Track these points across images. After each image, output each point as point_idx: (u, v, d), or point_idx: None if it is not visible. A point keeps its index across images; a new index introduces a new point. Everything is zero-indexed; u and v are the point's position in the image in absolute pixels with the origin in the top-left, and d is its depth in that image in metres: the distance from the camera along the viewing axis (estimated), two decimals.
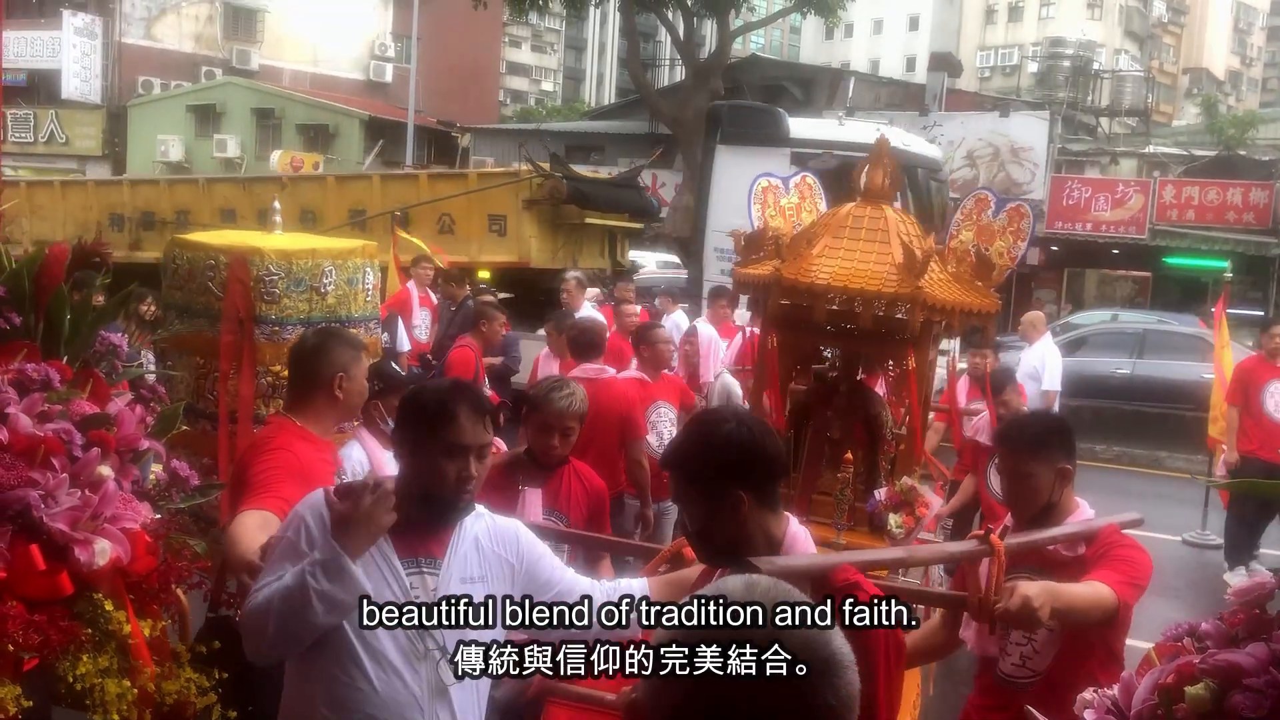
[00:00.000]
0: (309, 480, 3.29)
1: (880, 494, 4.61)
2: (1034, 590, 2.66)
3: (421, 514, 2.47)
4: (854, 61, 48.56)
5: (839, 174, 10.55)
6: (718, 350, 8.03)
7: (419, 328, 10.91)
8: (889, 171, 4.79)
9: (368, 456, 4.37)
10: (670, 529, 5.79)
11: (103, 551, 2.43)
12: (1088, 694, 1.83)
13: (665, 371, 6.40)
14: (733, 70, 26.54)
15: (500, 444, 3.46)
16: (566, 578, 2.69)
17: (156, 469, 2.83)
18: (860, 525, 4.66)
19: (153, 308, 7.07)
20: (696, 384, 7.47)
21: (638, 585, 2.76)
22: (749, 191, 5.59)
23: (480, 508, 2.61)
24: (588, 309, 9.18)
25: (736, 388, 7.16)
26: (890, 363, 4.90)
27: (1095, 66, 36.18)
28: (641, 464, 5.50)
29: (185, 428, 3.65)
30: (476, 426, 2.48)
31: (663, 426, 6.19)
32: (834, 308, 4.53)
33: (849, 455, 4.64)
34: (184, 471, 2.87)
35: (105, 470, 2.55)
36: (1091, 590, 2.84)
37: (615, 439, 5.44)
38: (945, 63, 25.78)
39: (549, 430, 3.88)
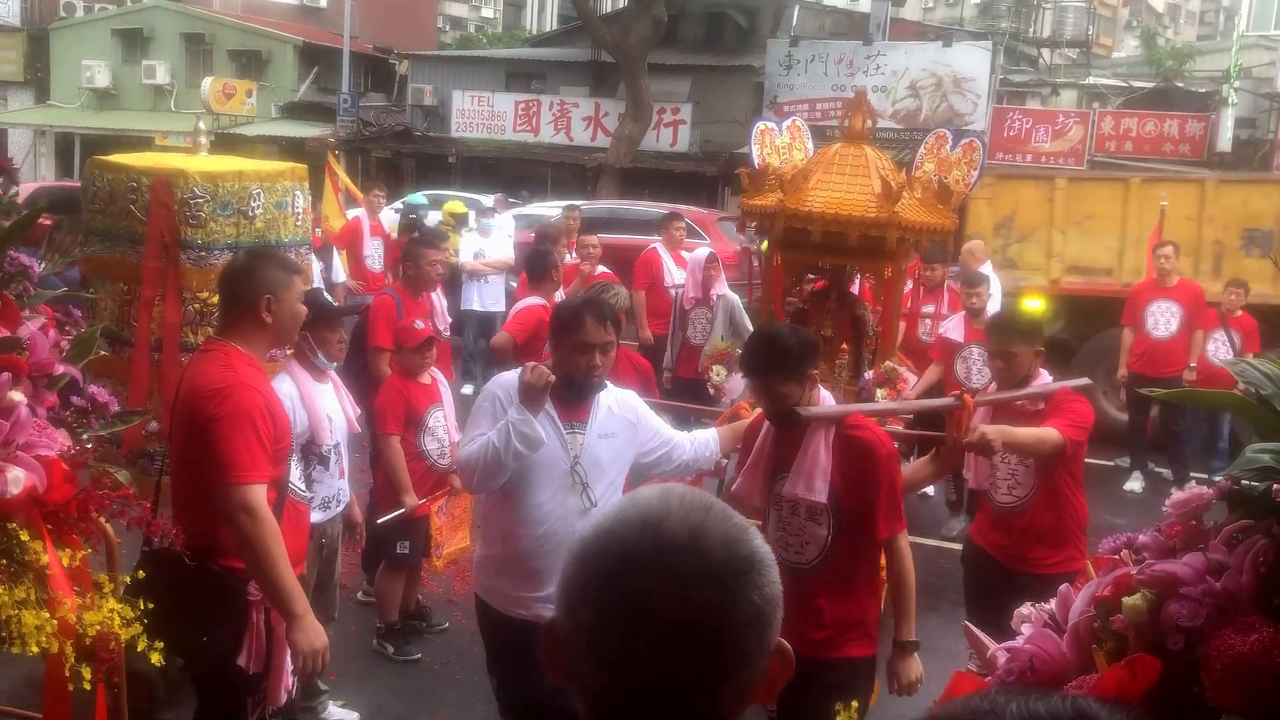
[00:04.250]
0: (274, 412, 3.20)
1: (869, 375, 5.81)
2: (989, 430, 3.97)
3: (569, 392, 3.52)
4: None
5: None
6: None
7: (371, 257, 10.70)
8: (867, 117, 5.90)
9: (298, 390, 4.23)
10: None
11: (16, 480, 2.34)
12: (1025, 609, 1.83)
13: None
14: None
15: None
16: (666, 430, 3.88)
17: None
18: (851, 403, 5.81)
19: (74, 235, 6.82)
20: (707, 299, 8.18)
21: (711, 434, 4.04)
22: (750, 134, 6.53)
23: (609, 384, 3.68)
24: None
25: (739, 302, 8.03)
26: (873, 273, 6.04)
27: None
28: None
29: (104, 353, 3.51)
30: (599, 329, 3.47)
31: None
32: (827, 230, 5.54)
33: (844, 347, 5.88)
34: (103, 398, 2.76)
35: (17, 396, 2.45)
36: (1039, 431, 4.17)
37: None
38: None
39: None
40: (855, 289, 6.48)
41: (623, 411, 3.69)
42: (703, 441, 3.96)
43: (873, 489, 3.48)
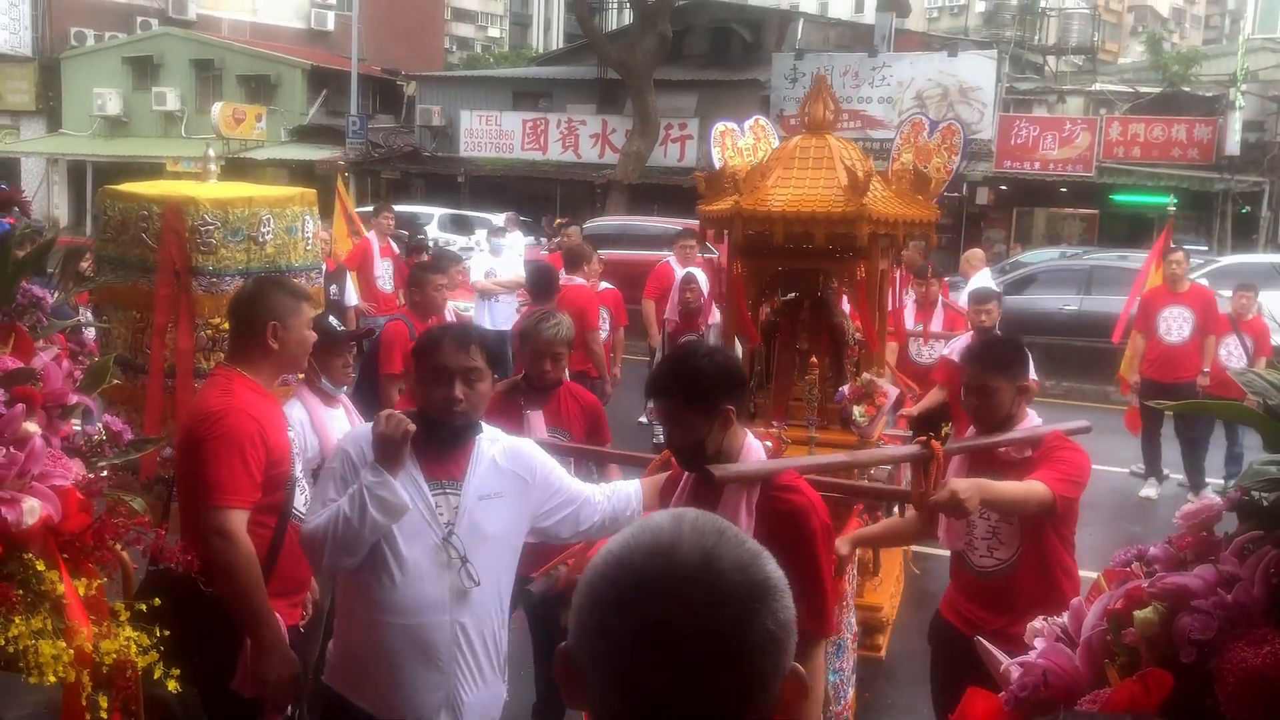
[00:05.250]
0: (268, 439, 3.20)
1: (845, 389, 5.08)
2: (962, 485, 3.15)
3: (435, 438, 2.81)
4: (802, 3, 48.26)
5: None
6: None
7: (381, 278, 10.76)
8: (829, 105, 5.26)
9: (309, 416, 4.22)
10: None
11: (31, 510, 2.35)
12: (1037, 622, 1.82)
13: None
14: (681, 13, 26.27)
15: None
16: (573, 485, 3.15)
17: (77, 424, 2.74)
18: (832, 423, 5.12)
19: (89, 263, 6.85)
20: (694, 324, 8.01)
21: (632, 487, 3.28)
22: (709, 136, 6.06)
23: (497, 431, 3.02)
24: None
25: None
26: (847, 275, 5.35)
27: (1042, 5, 36.22)
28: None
29: (117, 382, 3.53)
30: (459, 353, 2.81)
31: None
32: (791, 231, 4.92)
33: (814, 360, 5.13)
34: (116, 426, 2.78)
35: (31, 426, 2.46)
36: (1025, 486, 3.32)
37: None
38: (893, 3, 25.65)
39: (541, 356, 4.25)
40: (845, 301, 5.86)
41: (512, 465, 2.96)
42: (622, 497, 3.23)
43: (796, 569, 2.65)
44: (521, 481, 2.96)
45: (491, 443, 2.94)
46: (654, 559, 1.07)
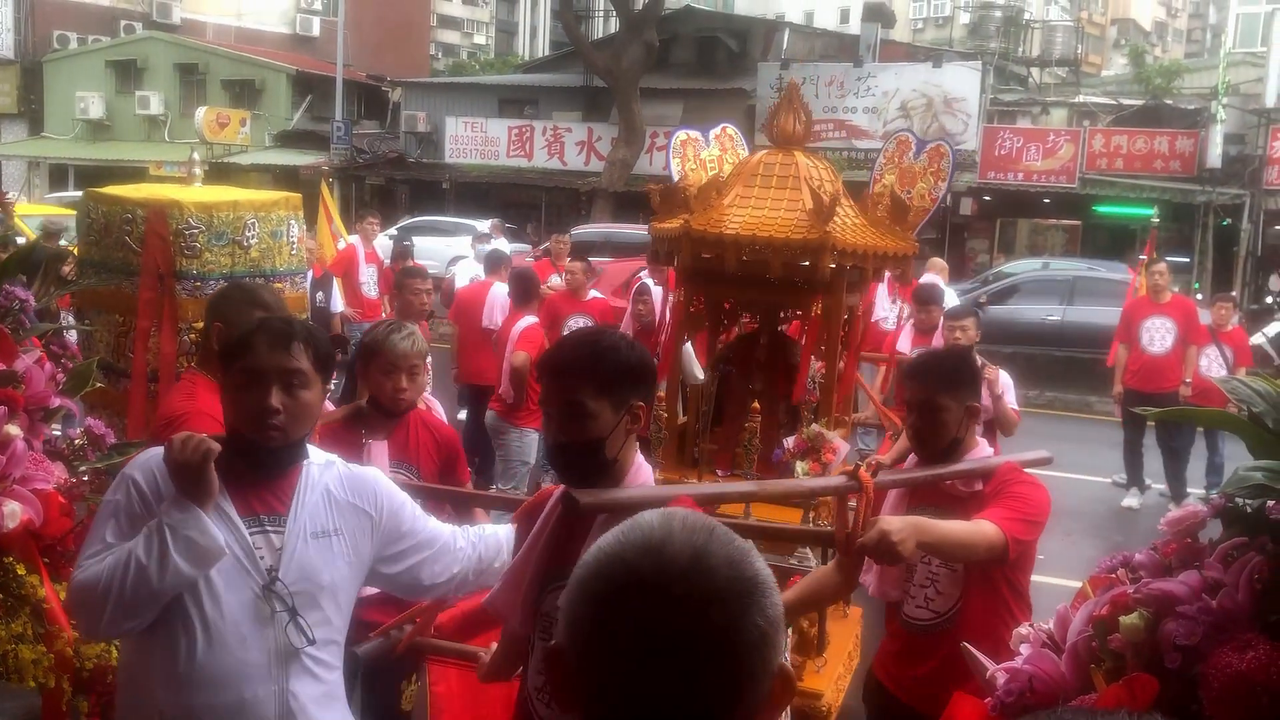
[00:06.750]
0: None
1: (788, 442, 4.32)
2: (895, 525, 2.57)
3: (248, 464, 2.26)
4: (788, 13, 48.40)
5: None
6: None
7: (366, 284, 10.74)
8: (800, 116, 4.65)
9: None
10: None
11: (12, 514, 2.35)
12: (1023, 629, 1.83)
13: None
14: (667, 22, 26.35)
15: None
16: (429, 527, 2.57)
17: (59, 428, 2.72)
18: (775, 476, 4.29)
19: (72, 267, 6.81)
20: (650, 341, 7.54)
21: (504, 531, 2.72)
22: (669, 145, 5.41)
23: (333, 456, 2.45)
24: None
25: (689, 350, 7.21)
26: (803, 310, 4.77)
27: (1026, 17, 36.52)
28: None
29: (100, 385, 3.51)
30: (276, 351, 2.24)
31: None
32: (746, 258, 4.34)
33: (756, 405, 4.47)
34: (99, 430, 2.77)
35: (13, 429, 2.45)
36: (972, 526, 2.79)
37: None
38: (879, 14, 25.79)
39: (395, 371, 3.63)
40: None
41: (353, 496, 2.40)
42: (492, 543, 2.69)
43: None
44: (364, 516, 2.40)
45: (324, 468, 2.38)
46: (644, 556, 1.08)
